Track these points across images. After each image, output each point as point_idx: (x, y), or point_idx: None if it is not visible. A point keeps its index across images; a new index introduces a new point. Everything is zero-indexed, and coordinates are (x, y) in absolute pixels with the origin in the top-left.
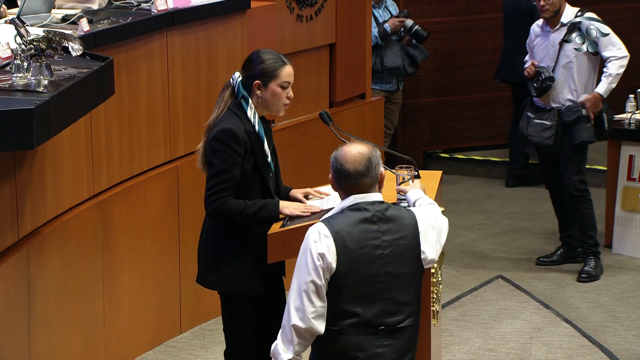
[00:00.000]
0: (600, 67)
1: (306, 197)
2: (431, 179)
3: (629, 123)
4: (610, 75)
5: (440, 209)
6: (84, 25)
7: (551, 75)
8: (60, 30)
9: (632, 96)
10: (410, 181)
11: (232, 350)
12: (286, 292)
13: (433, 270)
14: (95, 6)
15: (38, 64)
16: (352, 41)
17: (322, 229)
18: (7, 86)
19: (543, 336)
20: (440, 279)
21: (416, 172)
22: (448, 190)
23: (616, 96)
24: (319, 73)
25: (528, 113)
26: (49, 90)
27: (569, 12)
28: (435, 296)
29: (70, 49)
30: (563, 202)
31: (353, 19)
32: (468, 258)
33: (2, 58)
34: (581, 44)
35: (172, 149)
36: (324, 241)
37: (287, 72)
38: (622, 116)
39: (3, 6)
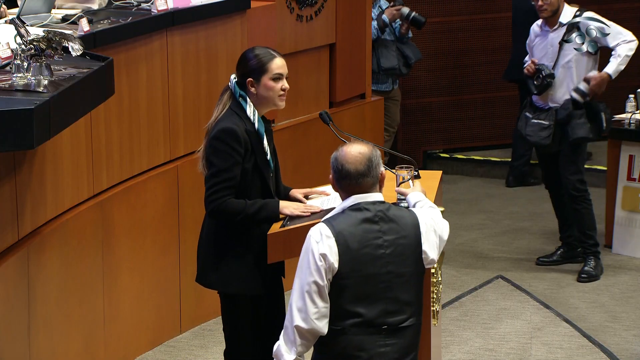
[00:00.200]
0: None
1: (306, 197)
2: (431, 179)
3: (629, 123)
4: (619, 56)
5: (440, 211)
6: (84, 25)
7: (552, 72)
8: (60, 30)
9: (632, 96)
10: (410, 181)
11: (232, 350)
12: (285, 293)
13: (433, 270)
14: (95, 6)
15: (38, 64)
16: (352, 41)
17: (324, 230)
18: (7, 86)
19: (543, 336)
20: (440, 279)
21: (416, 172)
22: (448, 190)
23: (616, 96)
24: (319, 73)
25: (526, 113)
26: (49, 90)
27: (568, 12)
28: (435, 296)
29: (70, 49)
30: (563, 202)
31: (353, 19)
32: (468, 258)
33: (2, 58)
34: (581, 44)
35: (172, 149)
36: (326, 241)
37: (277, 64)
38: (622, 116)
39: (3, 6)
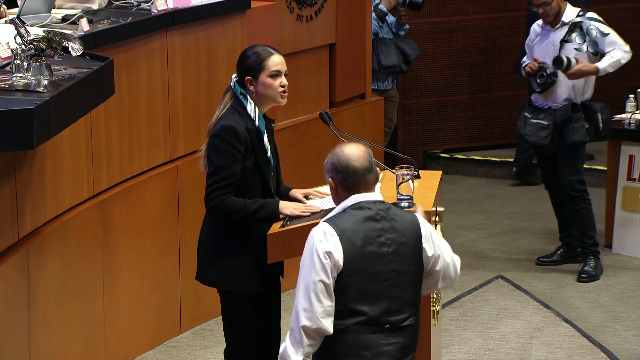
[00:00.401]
0: None
1: (306, 197)
2: (431, 179)
3: (629, 123)
4: (612, 57)
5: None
6: (84, 25)
7: (555, 71)
8: (60, 30)
9: (632, 96)
10: (410, 181)
11: (232, 349)
12: (283, 293)
13: None
14: (95, 6)
15: (38, 64)
16: (352, 41)
17: (327, 228)
18: (7, 86)
19: (543, 336)
20: None
21: (416, 172)
22: (448, 190)
23: (616, 96)
24: (319, 73)
25: (525, 113)
26: (49, 90)
27: (570, 12)
28: (435, 296)
29: (70, 49)
30: (562, 202)
31: (353, 19)
32: (468, 258)
33: (2, 58)
34: (581, 44)
35: (172, 149)
36: (330, 240)
37: (274, 61)
38: (622, 116)
39: (3, 6)
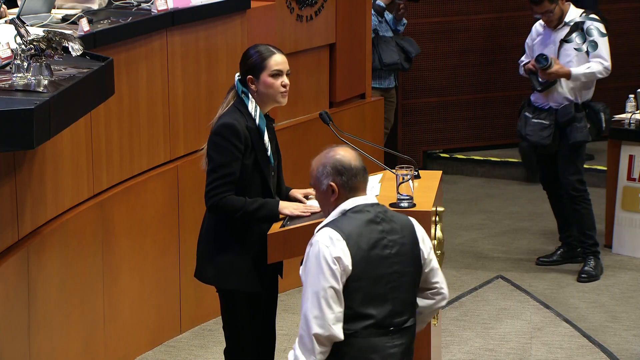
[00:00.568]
0: None
1: (306, 197)
2: (431, 179)
3: (629, 123)
4: (589, 68)
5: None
6: (84, 25)
7: None
8: (60, 30)
9: (632, 96)
10: (410, 181)
11: (233, 348)
12: (282, 293)
13: None
14: (95, 6)
15: (38, 64)
16: (352, 41)
17: (332, 234)
18: (7, 86)
19: (543, 336)
20: None
21: (416, 172)
22: (448, 190)
23: (616, 96)
24: (319, 73)
25: (526, 113)
26: (49, 90)
27: (573, 12)
28: None
29: (70, 49)
30: (561, 202)
31: (353, 19)
32: (468, 258)
33: (2, 58)
34: (581, 44)
35: (172, 149)
36: (338, 245)
37: (276, 61)
38: (622, 116)
39: (3, 6)
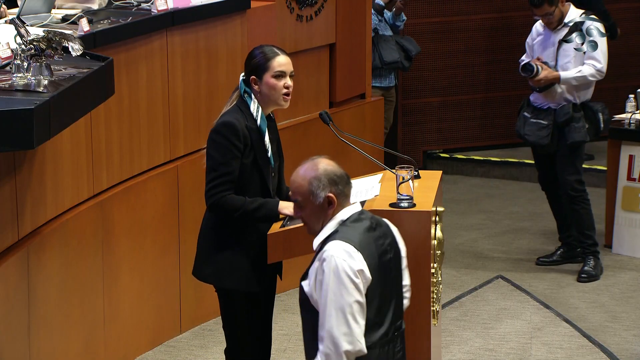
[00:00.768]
0: None
1: None
2: (431, 179)
3: (629, 123)
4: (580, 71)
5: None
6: (84, 25)
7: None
8: (60, 30)
9: (632, 96)
10: (410, 181)
11: (233, 348)
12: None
13: (433, 270)
14: (95, 6)
15: (38, 64)
16: (352, 41)
17: (346, 247)
18: (7, 86)
19: (543, 336)
20: (440, 279)
21: (416, 172)
22: (448, 190)
23: (616, 96)
24: (319, 73)
25: (525, 113)
26: (49, 90)
27: (573, 13)
28: (435, 296)
29: (70, 49)
30: (560, 202)
31: (353, 19)
32: (468, 258)
33: (2, 58)
34: (581, 44)
35: (172, 149)
36: (356, 257)
37: (279, 62)
38: (622, 116)
39: (3, 6)
